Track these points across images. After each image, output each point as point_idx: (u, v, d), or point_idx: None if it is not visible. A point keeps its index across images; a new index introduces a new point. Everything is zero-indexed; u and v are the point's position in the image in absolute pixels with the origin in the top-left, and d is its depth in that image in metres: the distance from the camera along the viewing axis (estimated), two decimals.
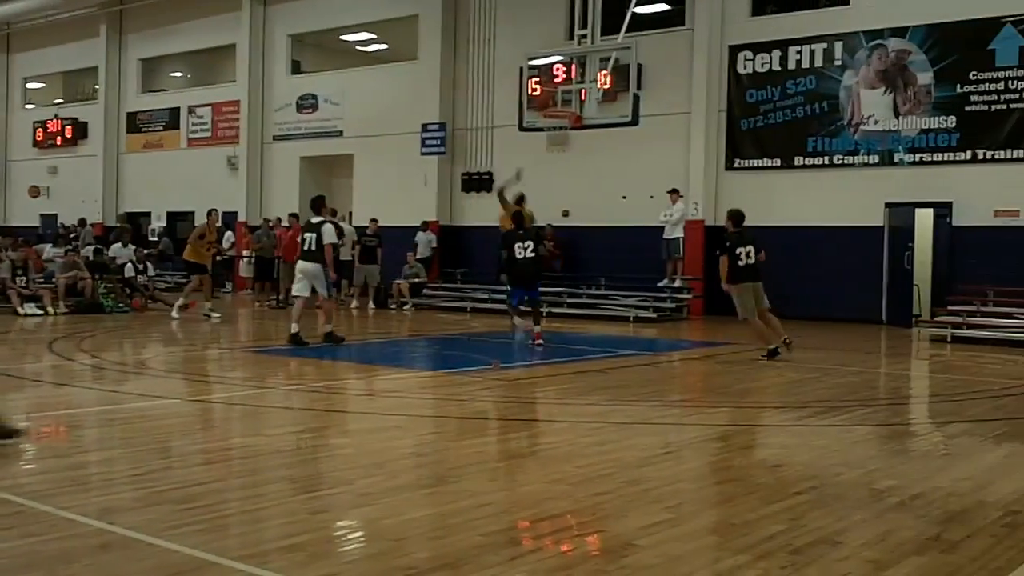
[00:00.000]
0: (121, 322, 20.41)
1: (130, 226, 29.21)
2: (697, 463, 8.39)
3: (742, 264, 14.87)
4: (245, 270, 29.12)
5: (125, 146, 37.14)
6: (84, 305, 21.73)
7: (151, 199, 35.94)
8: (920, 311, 21.70)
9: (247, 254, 28.39)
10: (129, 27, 36.91)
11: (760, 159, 23.24)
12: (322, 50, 33.23)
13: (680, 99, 23.93)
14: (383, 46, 32.28)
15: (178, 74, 37.95)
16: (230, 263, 30.12)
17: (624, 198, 24.74)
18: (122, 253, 24.07)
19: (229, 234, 29.97)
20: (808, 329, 20.04)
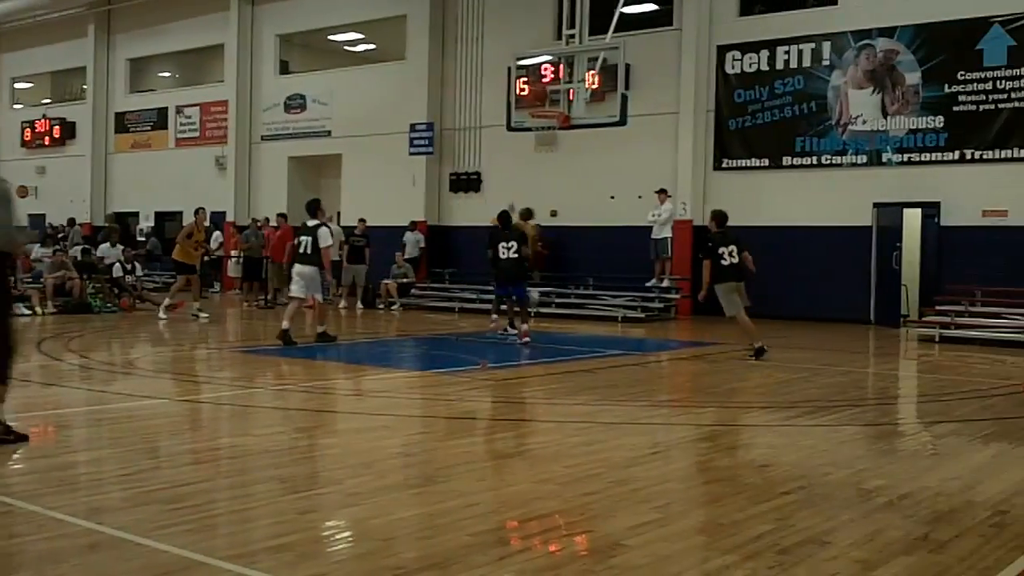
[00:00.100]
0: (109, 322, 20.37)
1: (118, 226, 29.12)
2: (685, 463, 8.40)
3: (725, 263, 15.11)
4: (233, 270, 29.07)
5: (113, 146, 37.10)
6: (72, 305, 21.68)
7: (139, 199, 35.90)
8: (908, 311, 21.76)
9: (235, 254, 28.34)
10: (117, 27, 36.85)
11: (748, 159, 23.27)
12: (310, 50, 33.21)
13: (668, 99, 23.97)
14: (371, 46, 32.27)
15: (166, 74, 37.90)
16: (218, 263, 30.07)
17: (612, 198, 24.76)
18: (110, 253, 24.01)
19: (217, 234, 29.93)
20: (796, 329, 20.12)
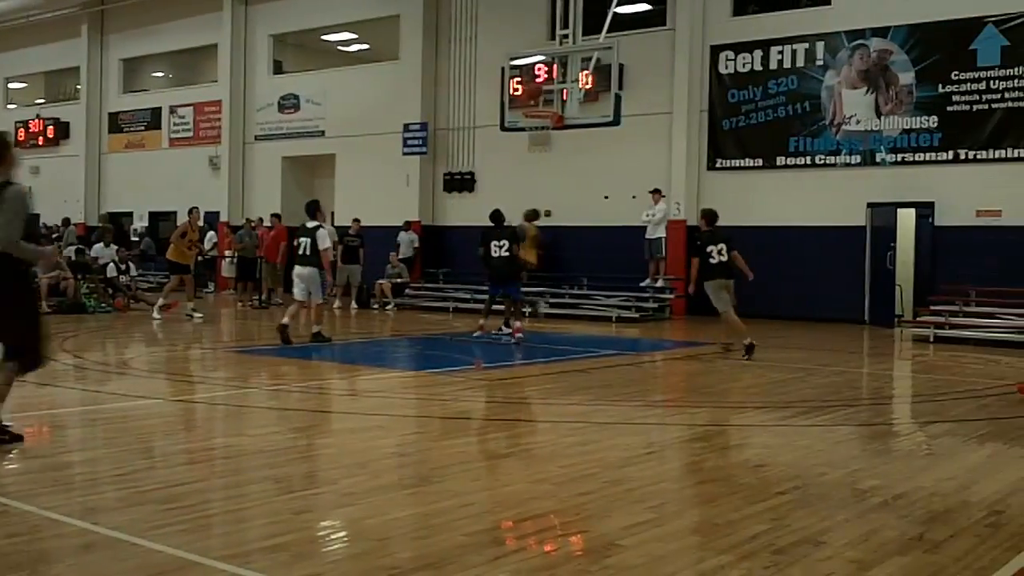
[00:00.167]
0: (103, 322, 20.34)
1: (112, 226, 29.06)
2: (680, 463, 8.40)
3: (714, 261, 15.39)
4: (227, 270, 29.04)
5: (107, 146, 37.08)
6: (66, 305, 21.64)
7: (133, 199, 35.88)
8: (902, 311, 21.81)
9: (229, 254, 28.32)
10: (111, 27, 36.81)
11: (742, 159, 23.28)
12: (303, 50, 33.20)
13: (662, 99, 23.97)
14: (364, 46, 32.26)
15: (160, 74, 37.86)
16: (212, 263, 30.06)
17: (606, 198, 24.77)
18: (104, 253, 23.96)
19: (211, 234, 29.92)
20: (791, 329, 20.15)
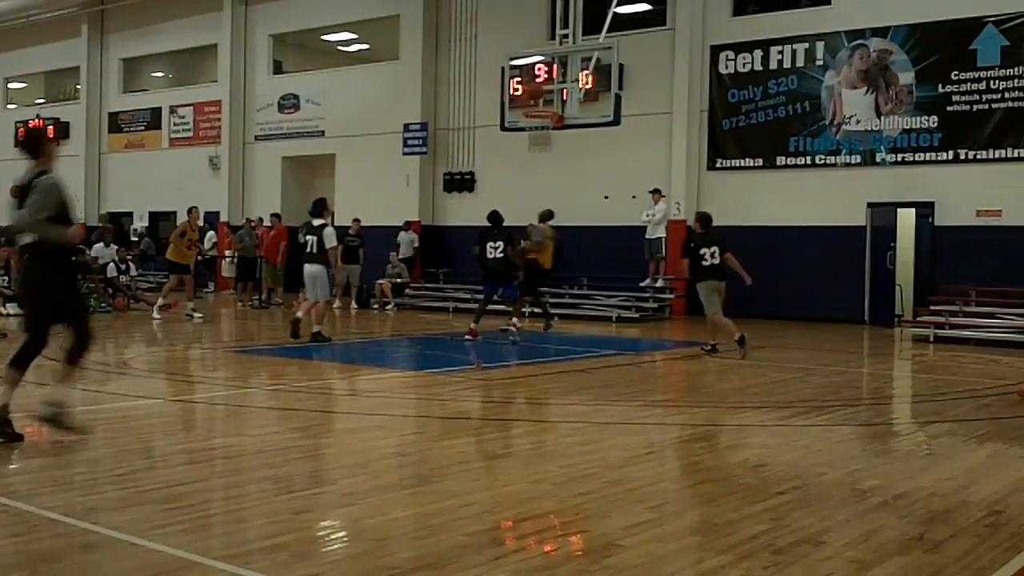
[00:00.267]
0: (103, 322, 20.28)
1: (112, 226, 29.04)
2: (680, 463, 8.39)
3: (706, 264, 15.47)
4: (227, 270, 29.03)
5: (107, 146, 37.04)
6: None
7: (133, 199, 35.87)
8: (903, 311, 21.82)
9: (229, 254, 28.32)
10: (111, 27, 36.79)
11: (742, 159, 23.28)
12: (303, 50, 33.19)
13: (662, 99, 23.98)
14: (364, 46, 32.26)
15: (160, 74, 37.84)
16: (212, 263, 30.06)
17: (606, 198, 24.77)
18: (104, 253, 23.94)
19: (211, 234, 29.92)
20: (791, 329, 20.15)
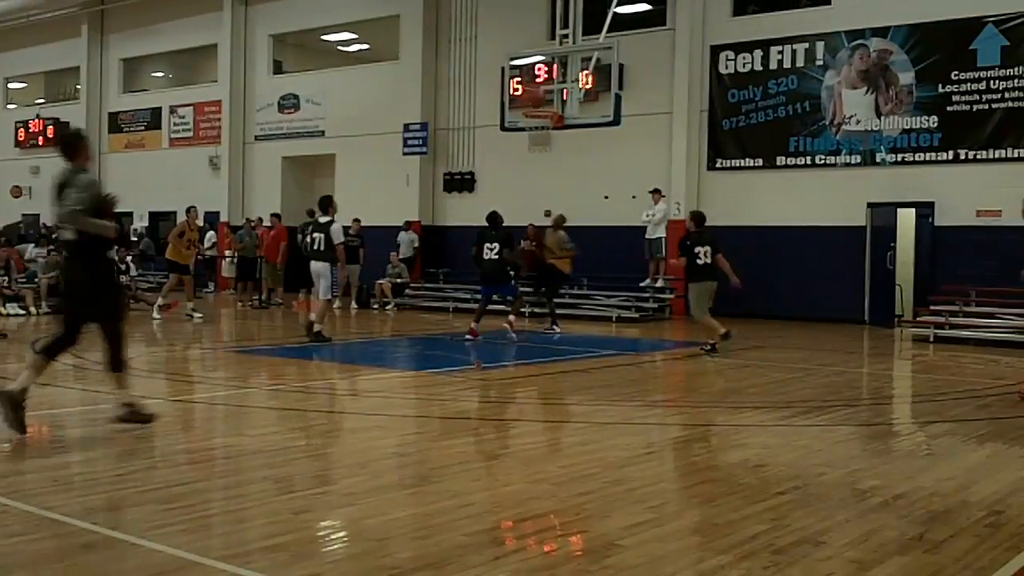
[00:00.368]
0: None
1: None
2: (680, 463, 8.39)
3: (700, 263, 15.62)
4: (227, 270, 29.03)
5: (107, 146, 37.01)
6: None
7: (133, 199, 35.66)
8: (902, 311, 21.81)
9: (229, 254, 28.33)
10: (111, 27, 36.79)
11: (742, 159, 23.28)
12: (303, 50, 33.19)
13: (662, 99, 23.98)
14: (364, 46, 32.27)
15: (160, 74, 37.85)
16: (212, 263, 30.06)
17: (606, 198, 24.77)
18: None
19: (211, 234, 29.92)
20: (790, 329, 20.15)
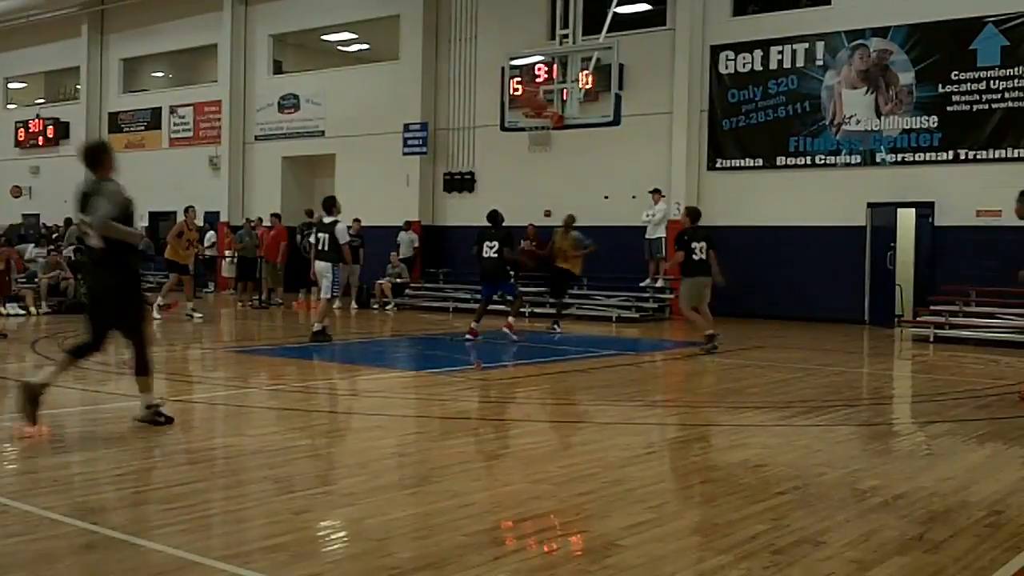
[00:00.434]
0: None
1: None
2: (680, 463, 8.38)
3: (696, 258, 15.80)
4: (227, 270, 29.04)
5: None
6: (66, 305, 21.64)
7: (133, 199, 35.77)
8: (903, 311, 21.82)
9: (229, 254, 28.33)
10: (111, 27, 36.80)
11: (742, 159, 23.28)
12: (303, 50, 33.20)
13: (662, 99, 23.98)
14: (364, 46, 32.27)
15: (160, 74, 37.86)
16: (212, 263, 30.05)
17: (606, 198, 24.76)
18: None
19: (211, 234, 29.92)
20: (790, 329, 20.16)
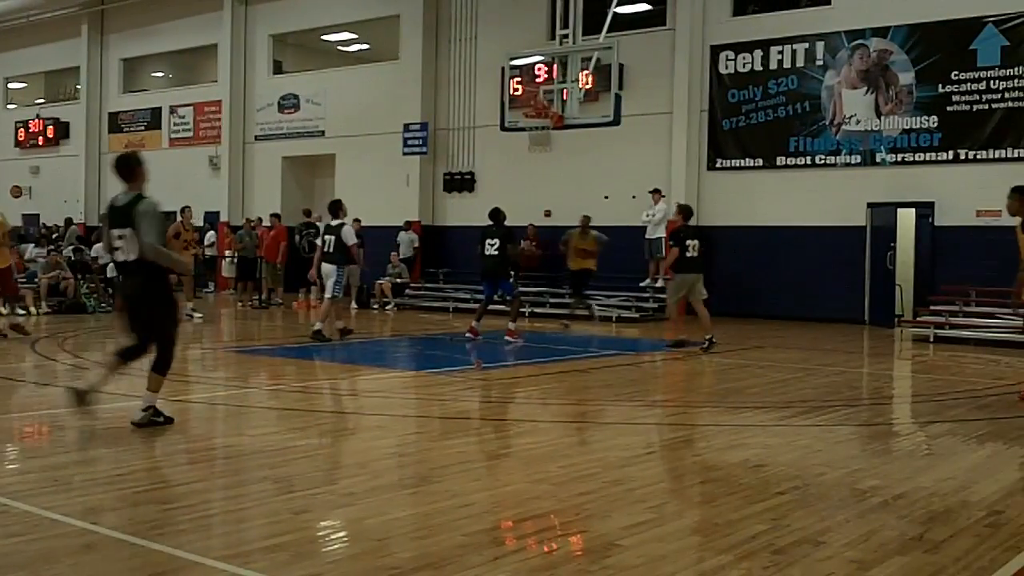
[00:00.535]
0: (103, 322, 20.33)
1: None
2: (680, 463, 8.38)
3: (689, 255, 15.96)
4: (227, 270, 29.03)
5: (107, 146, 36.95)
6: (66, 305, 21.67)
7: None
8: (902, 311, 21.80)
9: (229, 254, 28.32)
10: (111, 27, 36.77)
11: (742, 159, 23.27)
12: (303, 50, 33.18)
13: (662, 99, 23.97)
14: (364, 46, 32.26)
15: (160, 74, 37.83)
16: (212, 263, 30.04)
17: (606, 198, 24.75)
18: (104, 253, 23.94)
19: (211, 234, 29.90)
20: (790, 329, 20.14)
